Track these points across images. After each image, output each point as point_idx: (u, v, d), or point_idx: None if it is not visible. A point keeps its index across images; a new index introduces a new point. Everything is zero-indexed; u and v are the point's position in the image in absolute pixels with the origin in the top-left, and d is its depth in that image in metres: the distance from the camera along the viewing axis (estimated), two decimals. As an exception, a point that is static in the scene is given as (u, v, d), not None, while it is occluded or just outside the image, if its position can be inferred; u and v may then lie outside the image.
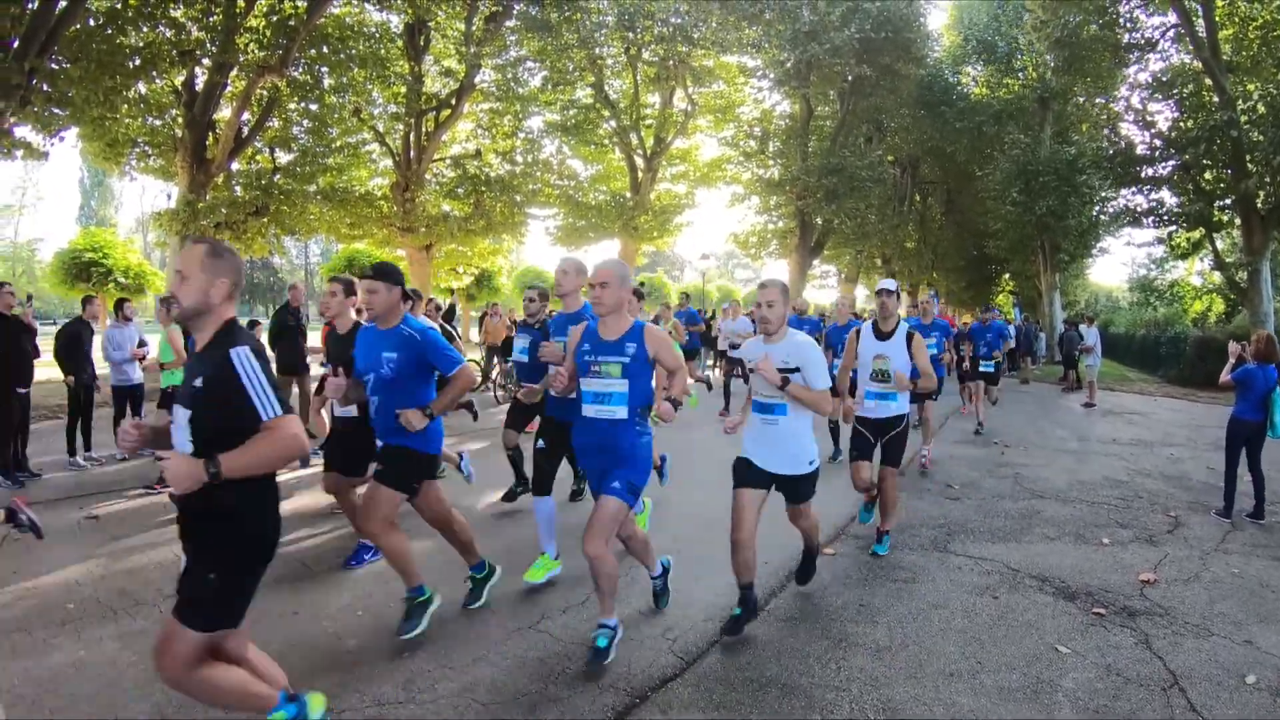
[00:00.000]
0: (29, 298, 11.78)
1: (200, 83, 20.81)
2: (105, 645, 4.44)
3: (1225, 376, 8.04)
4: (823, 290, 48.17)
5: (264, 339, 10.98)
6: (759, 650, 4.52)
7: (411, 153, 26.38)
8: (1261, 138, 22.44)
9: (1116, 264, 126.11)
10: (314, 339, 10.77)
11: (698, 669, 4.29)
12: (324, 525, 6.85)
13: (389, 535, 4.46)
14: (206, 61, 20.24)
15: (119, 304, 10.14)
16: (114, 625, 4.75)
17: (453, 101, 26.51)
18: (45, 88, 16.20)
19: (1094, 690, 4.12)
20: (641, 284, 10.45)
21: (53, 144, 17.63)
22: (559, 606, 5.09)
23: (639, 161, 31.77)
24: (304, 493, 8.07)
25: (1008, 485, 9.07)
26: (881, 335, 6.41)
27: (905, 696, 4.01)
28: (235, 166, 22.86)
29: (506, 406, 11.73)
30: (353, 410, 5.79)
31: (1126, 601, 5.43)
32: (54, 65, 16.08)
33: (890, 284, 6.60)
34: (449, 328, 13.90)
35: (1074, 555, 6.45)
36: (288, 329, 10.58)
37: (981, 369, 13.66)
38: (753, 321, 9.14)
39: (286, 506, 7.49)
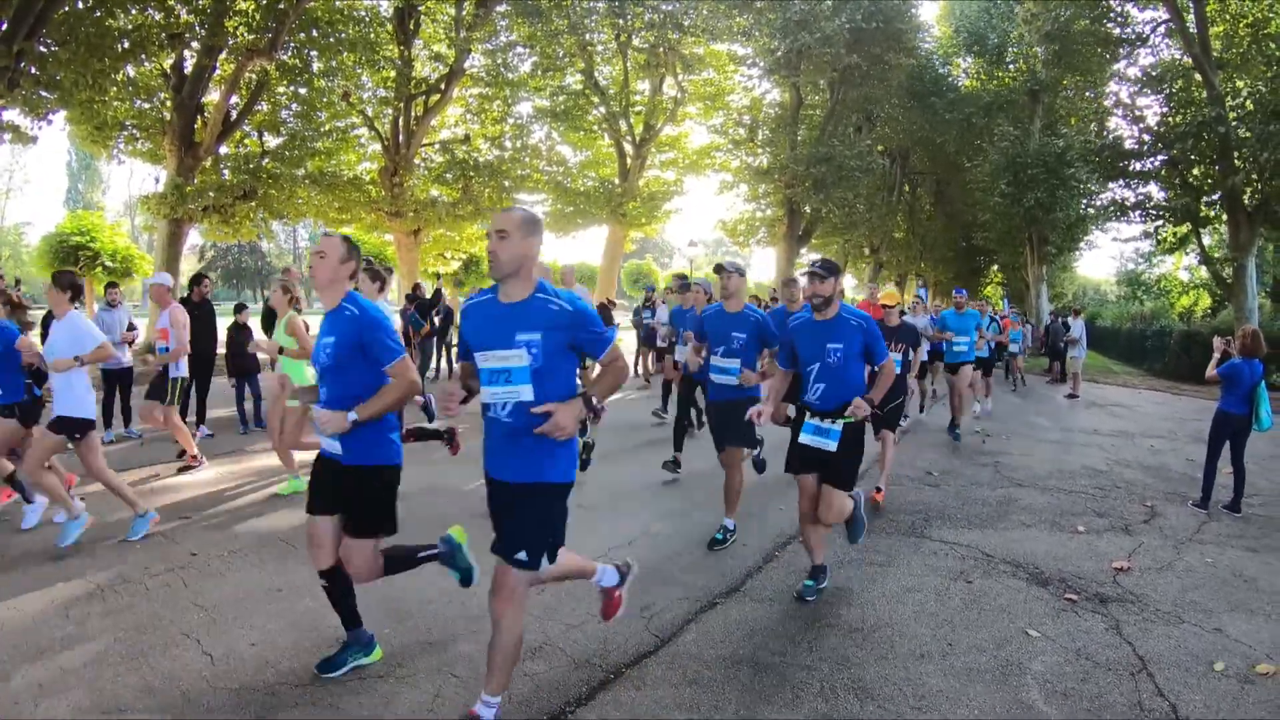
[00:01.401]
0: (17, 281, 11.77)
1: (189, 66, 20.70)
2: (93, 622, 4.50)
3: (1211, 371, 8.11)
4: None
5: (254, 323, 11.04)
6: (733, 629, 4.60)
7: (400, 137, 26.32)
8: (1249, 134, 22.50)
9: (1105, 257, 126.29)
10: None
11: (673, 647, 4.38)
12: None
13: None
14: (195, 45, 20.14)
15: (108, 288, 10.16)
16: (101, 602, 4.81)
17: (442, 86, 26.45)
18: (33, 71, 16.14)
19: (1062, 673, 4.21)
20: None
21: (41, 127, 17.57)
22: (535, 588, 5.15)
23: (628, 148, 31.71)
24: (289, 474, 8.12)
25: (987, 473, 9.16)
26: None
27: (875, 676, 4.10)
28: (223, 150, 22.77)
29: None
30: None
31: (1099, 588, 5.51)
32: (42, 48, 16.02)
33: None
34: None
35: (1049, 542, 6.54)
36: (281, 311, 10.58)
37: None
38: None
39: (271, 487, 7.57)
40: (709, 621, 4.75)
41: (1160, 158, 26.27)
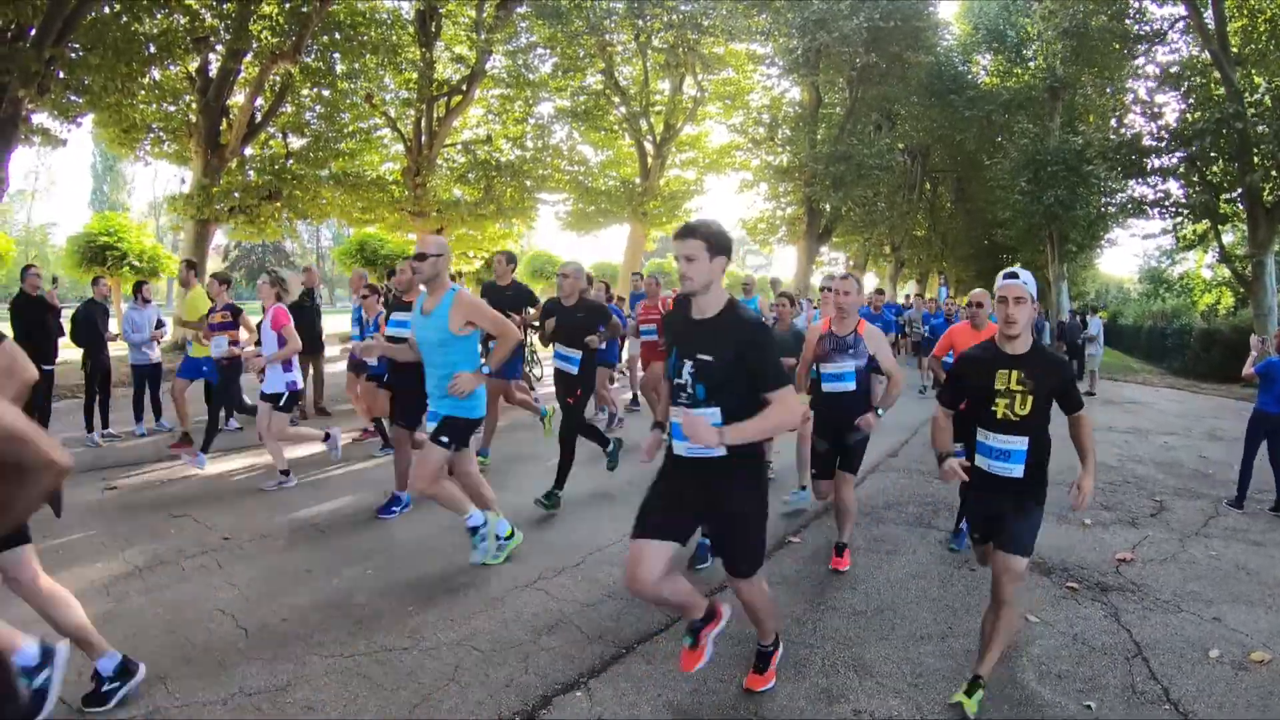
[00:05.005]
0: (54, 279, 12.05)
1: (214, 69, 21.03)
2: (132, 599, 4.74)
3: (1248, 369, 8.05)
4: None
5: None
6: (741, 610, 4.76)
7: (423, 138, 26.54)
8: (1267, 130, 22.39)
9: (1127, 255, 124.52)
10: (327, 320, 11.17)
11: (682, 625, 4.52)
12: (339, 492, 7.09)
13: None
14: (220, 48, 20.45)
15: (137, 287, 10.41)
16: (140, 580, 5.05)
17: (464, 87, 26.66)
18: (62, 75, 16.45)
19: (1058, 656, 4.34)
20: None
21: (70, 130, 17.92)
22: (555, 568, 5.37)
23: (649, 147, 31.81)
24: (321, 466, 8.34)
25: (998, 468, 9.24)
26: None
27: (875, 655, 4.27)
28: (249, 151, 23.04)
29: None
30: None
31: (1101, 578, 5.60)
32: (71, 53, 16.33)
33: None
34: None
35: (1055, 534, 6.60)
36: (304, 310, 10.85)
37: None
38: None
39: (298, 476, 7.78)
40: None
41: (1179, 155, 26.06)
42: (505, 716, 3.54)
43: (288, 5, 20.32)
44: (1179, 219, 27.20)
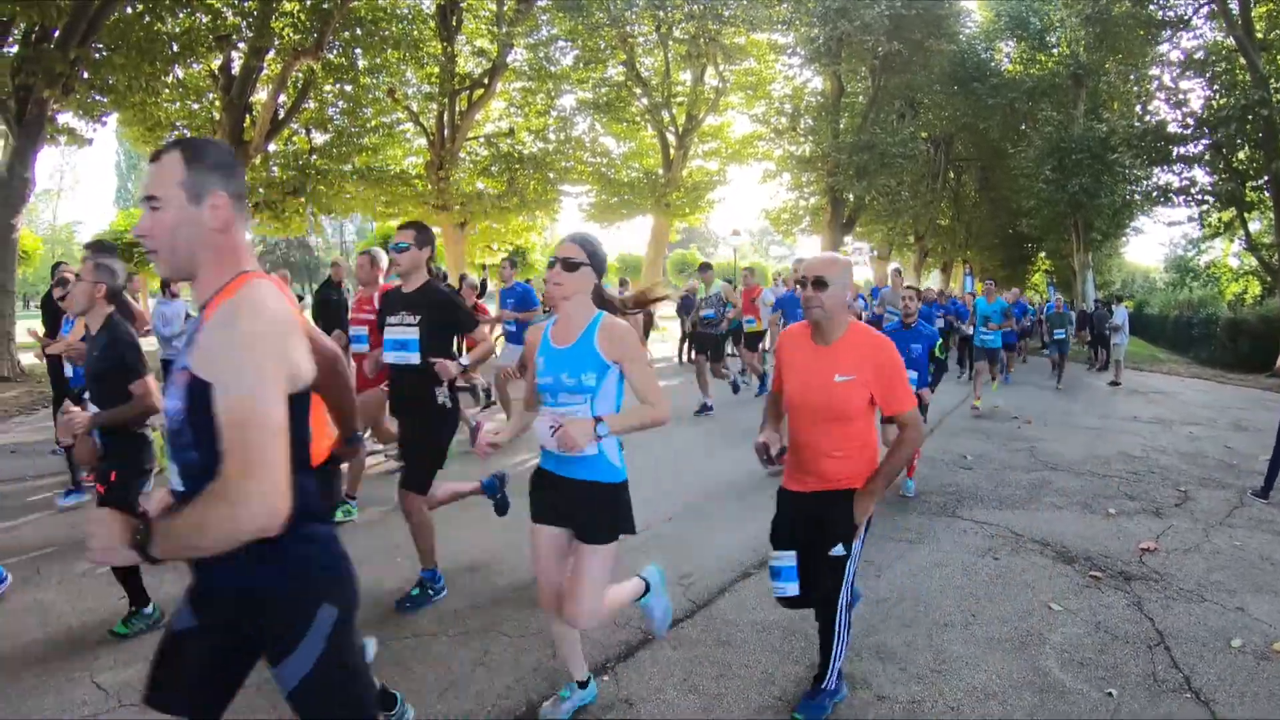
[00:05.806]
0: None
1: (237, 66, 21.21)
2: (166, 588, 4.82)
3: None
4: (855, 267, 47.75)
5: (307, 315, 11.42)
6: (765, 597, 4.79)
7: (445, 132, 26.69)
8: (1292, 117, 22.19)
9: (1153, 244, 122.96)
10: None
11: (708, 611, 4.66)
12: (368, 486, 7.17)
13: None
14: (242, 46, 20.63)
15: (165, 282, 10.52)
16: (174, 569, 5.15)
17: (485, 81, 26.78)
18: (86, 75, 16.67)
19: (1080, 644, 4.35)
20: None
21: (95, 129, 18.15)
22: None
23: (671, 139, 31.86)
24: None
25: (1022, 457, 9.25)
26: None
27: (897, 642, 4.31)
28: (272, 148, 23.25)
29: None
30: None
31: (1124, 567, 5.59)
32: (96, 53, 16.53)
33: None
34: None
35: (1078, 523, 6.63)
36: (331, 304, 10.95)
37: None
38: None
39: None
40: (743, 590, 4.99)
41: (1204, 142, 25.85)
42: (534, 700, 3.62)
43: (309, 2, 20.47)
44: (1205, 207, 26.98)
